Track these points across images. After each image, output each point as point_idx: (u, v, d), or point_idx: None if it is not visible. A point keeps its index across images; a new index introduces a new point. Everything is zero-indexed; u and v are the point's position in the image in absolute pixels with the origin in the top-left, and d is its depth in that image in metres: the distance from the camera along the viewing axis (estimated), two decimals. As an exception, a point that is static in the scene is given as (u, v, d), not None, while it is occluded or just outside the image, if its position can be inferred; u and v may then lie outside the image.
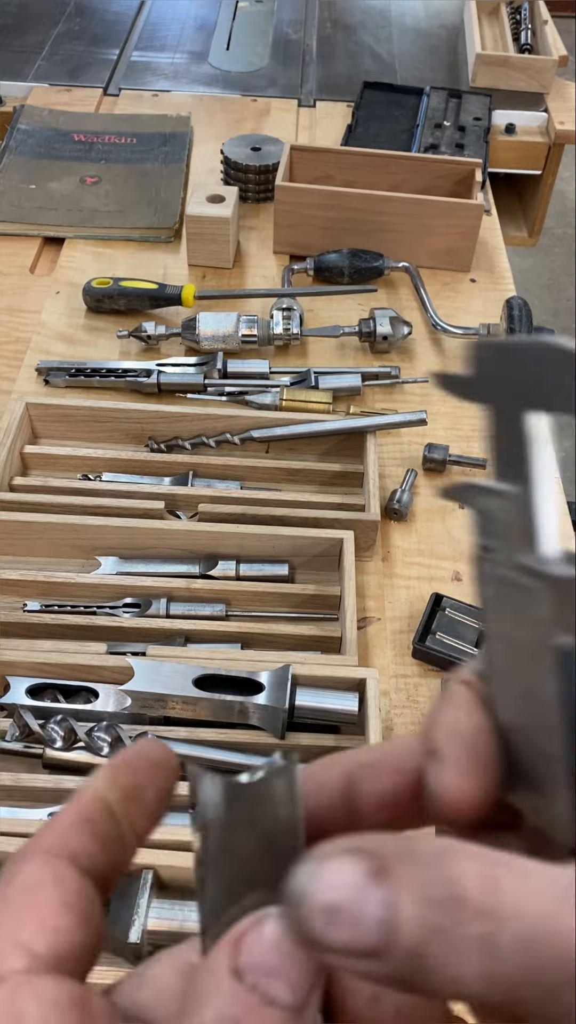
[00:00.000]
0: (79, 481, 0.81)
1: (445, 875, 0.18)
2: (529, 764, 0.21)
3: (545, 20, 1.46)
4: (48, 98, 1.34)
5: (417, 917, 0.18)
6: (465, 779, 0.21)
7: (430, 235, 1.06)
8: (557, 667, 0.19)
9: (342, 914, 0.18)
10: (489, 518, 0.20)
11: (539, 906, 0.18)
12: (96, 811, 0.24)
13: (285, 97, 1.38)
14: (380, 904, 0.18)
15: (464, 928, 0.17)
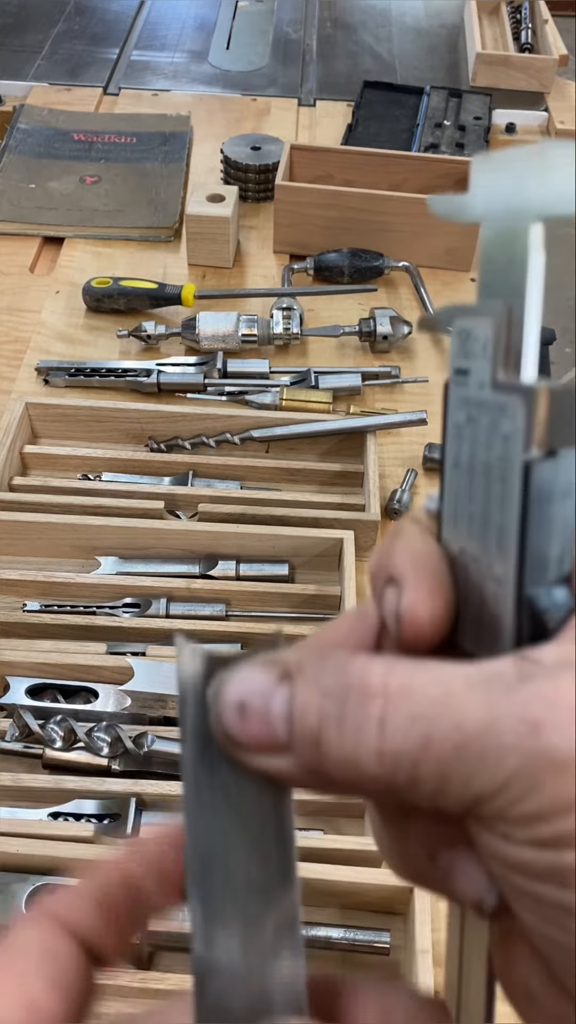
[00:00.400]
0: (79, 481, 0.80)
1: (342, 670, 0.20)
2: (477, 596, 0.21)
3: (545, 19, 1.46)
4: (48, 97, 1.34)
5: (314, 706, 0.20)
6: (426, 597, 0.21)
7: (430, 234, 1.06)
8: (522, 483, 0.20)
9: (250, 709, 0.20)
10: (469, 339, 0.21)
11: (432, 689, 0.19)
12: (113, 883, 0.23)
13: (285, 96, 1.38)
14: (283, 700, 0.20)
15: (356, 710, 0.19)
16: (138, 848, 0.24)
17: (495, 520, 0.20)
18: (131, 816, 0.58)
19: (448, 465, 0.22)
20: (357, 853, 0.55)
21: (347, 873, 0.54)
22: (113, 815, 0.59)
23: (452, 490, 0.22)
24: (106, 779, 0.60)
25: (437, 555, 0.22)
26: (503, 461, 0.20)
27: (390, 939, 0.54)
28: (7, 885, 0.54)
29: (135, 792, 0.59)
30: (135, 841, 0.25)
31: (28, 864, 0.54)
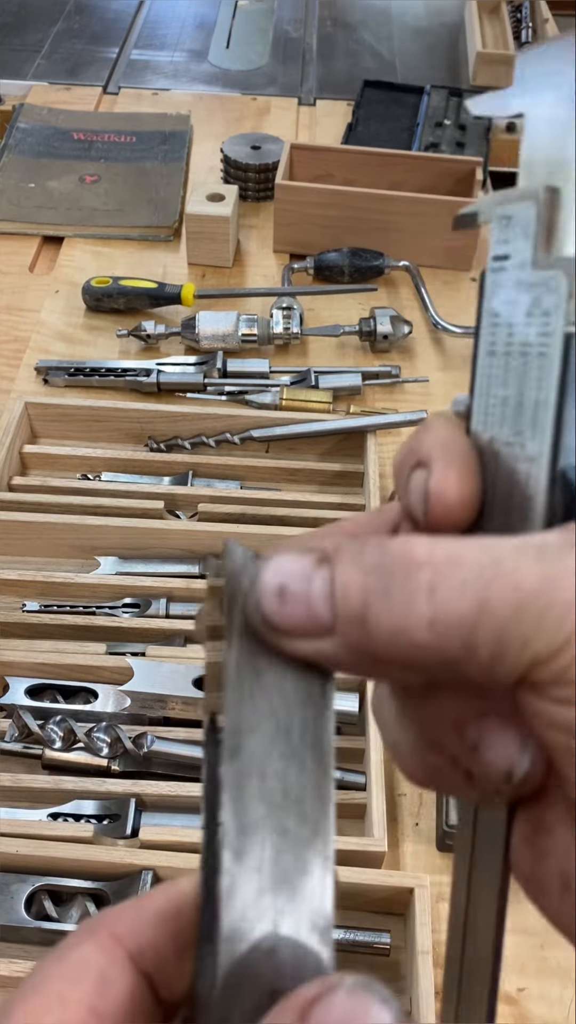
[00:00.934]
0: (78, 481, 0.80)
1: (385, 547, 0.19)
2: (507, 482, 0.21)
3: (546, 18, 1.46)
4: (47, 97, 1.33)
5: (359, 582, 0.19)
6: (456, 476, 0.21)
7: (431, 234, 1.05)
8: (562, 356, 0.20)
9: (290, 593, 0.20)
10: (509, 224, 0.21)
11: (483, 555, 0.19)
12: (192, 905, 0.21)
13: (285, 96, 1.38)
14: (323, 581, 0.19)
15: (403, 581, 0.19)
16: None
17: (531, 398, 0.21)
18: (131, 817, 0.58)
19: (481, 354, 0.22)
20: (357, 853, 0.55)
21: (347, 873, 0.53)
22: (113, 816, 0.58)
23: (484, 380, 0.22)
24: (106, 780, 0.59)
25: (466, 441, 0.22)
26: (543, 336, 0.20)
27: (390, 940, 0.54)
28: (7, 885, 0.54)
29: (135, 792, 0.59)
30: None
31: (28, 864, 0.54)
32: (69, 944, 0.20)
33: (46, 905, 0.54)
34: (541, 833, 0.21)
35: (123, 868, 0.54)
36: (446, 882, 0.59)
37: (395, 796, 0.63)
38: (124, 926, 0.21)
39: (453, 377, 0.96)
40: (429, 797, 0.63)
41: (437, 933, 0.57)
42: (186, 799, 0.59)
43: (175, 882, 0.22)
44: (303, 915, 0.20)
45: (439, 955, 0.56)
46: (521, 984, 0.55)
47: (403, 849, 0.61)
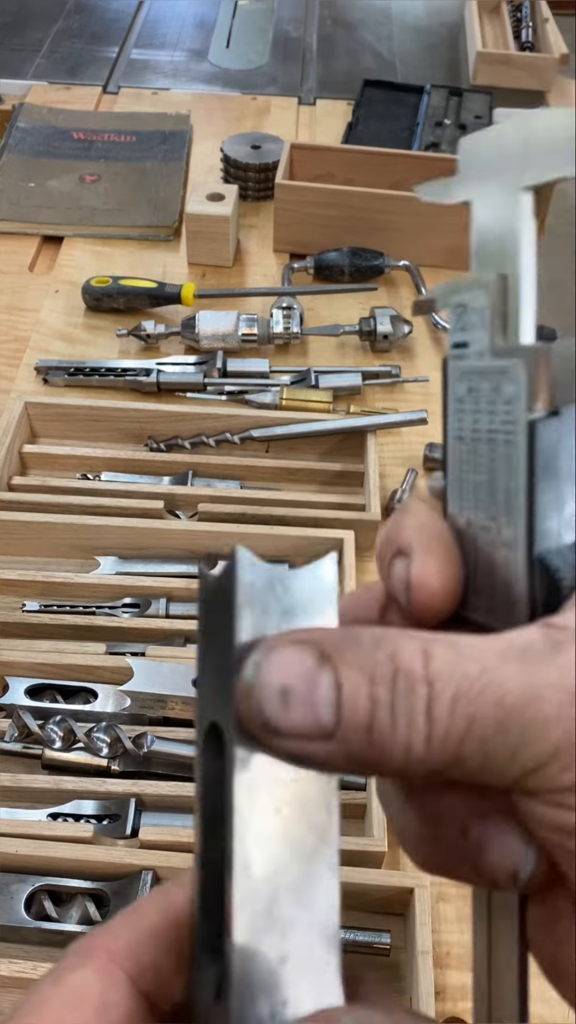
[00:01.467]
0: (78, 481, 0.80)
1: (385, 653, 0.19)
2: (487, 566, 0.21)
3: (546, 18, 1.45)
4: (47, 96, 1.33)
5: (364, 693, 0.19)
6: (436, 566, 0.21)
7: (431, 233, 1.05)
8: (527, 443, 0.20)
9: (294, 695, 0.19)
10: (465, 312, 0.21)
11: (469, 667, 0.19)
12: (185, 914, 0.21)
13: (285, 95, 1.38)
14: (330, 685, 0.19)
15: (407, 697, 0.19)
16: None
17: (502, 484, 0.21)
18: (130, 817, 0.58)
19: (451, 440, 0.22)
20: (357, 853, 0.55)
21: (347, 873, 0.53)
22: (112, 816, 0.58)
23: (456, 463, 0.22)
24: (105, 780, 0.59)
25: (444, 527, 0.22)
26: (508, 424, 0.20)
27: (390, 940, 0.54)
28: (7, 885, 0.54)
29: (134, 792, 0.59)
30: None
31: (27, 865, 0.54)
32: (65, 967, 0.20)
33: (46, 905, 0.54)
34: (556, 920, 0.21)
35: (123, 868, 0.54)
36: (446, 882, 0.59)
37: (395, 796, 0.63)
38: (121, 946, 0.20)
39: (453, 377, 0.96)
40: (429, 797, 0.63)
41: (437, 933, 0.57)
42: (186, 799, 0.59)
43: (166, 893, 0.21)
44: (312, 924, 0.20)
45: (439, 955, 0.56)
46: (521, 984, 0.55)
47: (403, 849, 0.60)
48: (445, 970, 0.56)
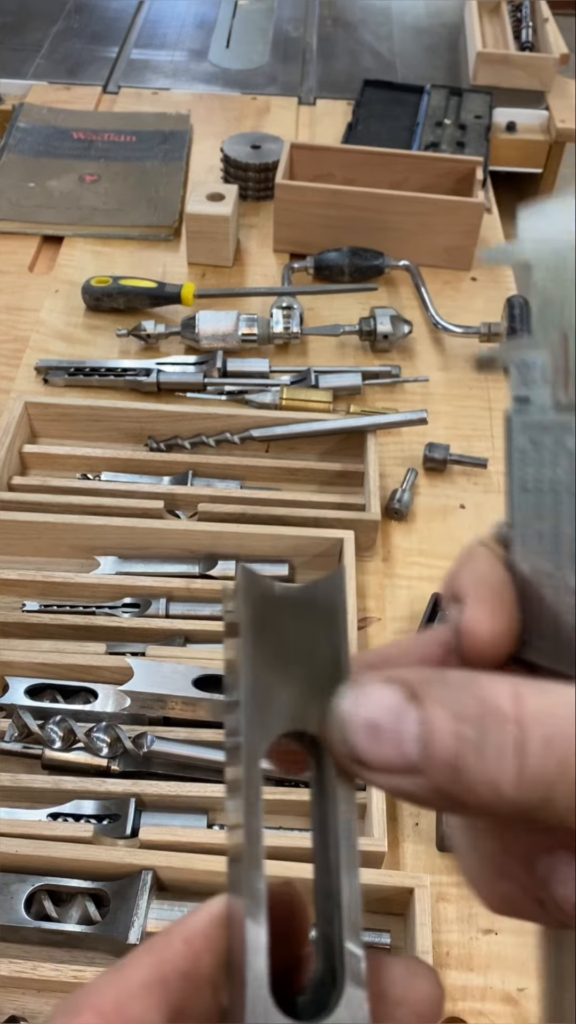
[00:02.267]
0: (78, 480, 0.80)
1: (474, 693, 0.19)
2: (549, 611, 0.22)
3: (546, 18, 1.45)
4: (47, 96, 1.33)
5: (451, 730, 0.19)
6: (486, 614, 0.22)
7: (431, 233, 1.05)
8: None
9: (383, 731, 0.20)
10: (527, 369, 0.22)
11: (560, 710, 0.19)
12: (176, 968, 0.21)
13: (285, 95, 1.38)
14: (417, 722, 0.19)
15: (496, 735, 0.19)
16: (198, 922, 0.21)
17: (566, 533, 0.21)
18: (130, 816, 0.58)
19: (515, 490, 0.23)
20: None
21: (347, 874, 0.53)
22: (112, 816, 0.58)
23: (521, 512, 0.23)
24: (105, 779, 0.59)
25: (500, 574, 0.23)
26: (570, 474, 0.21)
27: (390, 940, 0.54)
28: (7, 885, 0.54)
29: (134, 792, 0.59)
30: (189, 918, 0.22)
31: (27, 864, 0.54)
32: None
33: (46, 905, 0.54)
34: None
35: (123, 868, 0.54)
36: (446, 882, 0.59)
37: (395, 796, 0.63)
38: (108, 1003, 0.20)
39: (453, 377, 0.96)
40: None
41: (437, 933, 0.57)
42: (186, 799, 0.59)
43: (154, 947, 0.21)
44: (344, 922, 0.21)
45: (439, 955, 0.56)
46: (521, 984, 0.55)
47: (403, 849, 0.61)
48: (445, 970, 0.56)
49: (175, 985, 0.20)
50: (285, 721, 0.21)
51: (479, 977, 0.55)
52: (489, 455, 0.87)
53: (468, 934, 0.57)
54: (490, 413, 0.92)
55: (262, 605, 0.22)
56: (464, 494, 0.84)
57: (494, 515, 0.83)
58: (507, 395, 0.23)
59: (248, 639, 0.21)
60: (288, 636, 0.22)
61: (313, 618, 0.22)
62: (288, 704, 0.21)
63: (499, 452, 0.89)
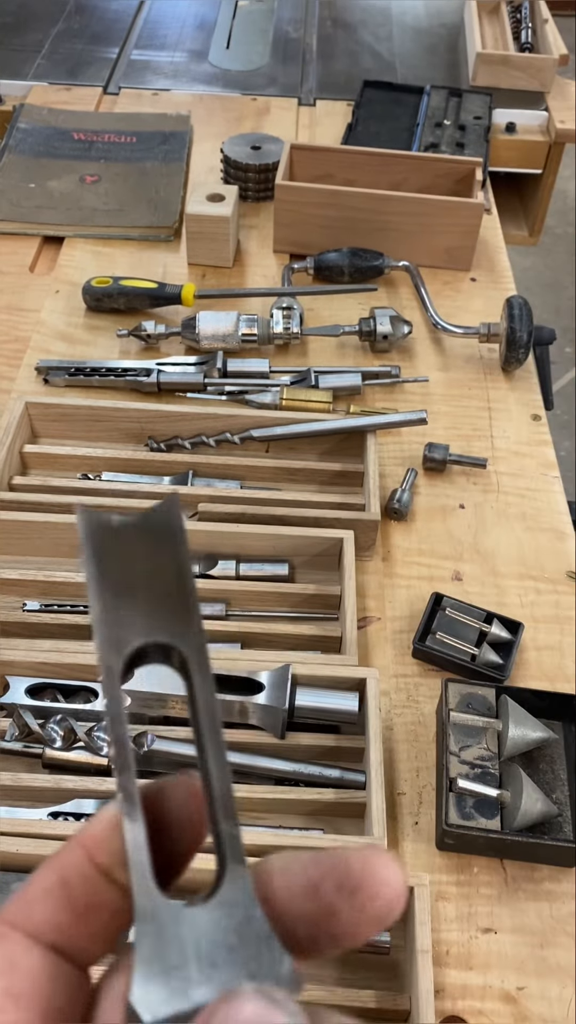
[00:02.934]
0: (79, 480, 0.80)
1: None
2: None
3: (545, 19, 1.46)
4: (48, 97, 1.33)
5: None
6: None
7: (431, 234, 1.06)
8: None
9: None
10: None
11: None
12: (75, 870, 0.22)
13: (285, 96, 1.38)
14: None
15: None
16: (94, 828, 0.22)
17: None
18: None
19: None
20: (357, 853, 0.55)
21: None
22: (113, 815, 0.58)
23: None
24: (106, 779, 0.60)
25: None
26: None
27: (390, 939, 0.54)
28: (7, 885, 0.54)
29: (135, 792, 0.59)
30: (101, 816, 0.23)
31: (28, 864, 0.54)
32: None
33: (46, 904, 0.54)
34: None
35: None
36: (446, 881, 0.59)
37: (395, 795, 0.63)
38: (14, 911, 0.21)
39: (453, 377, 0.96)
40: (428, 796, 0.63)
41: (436, 932, 0.57)
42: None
43: (54, 857, 0.22)
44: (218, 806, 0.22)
45: (439, 954, 0.56)
46: (521, 983, 0.55)
47: (403, 848, 0.61)
48: (445, 969, 0.56)
49: (76, 884, 0.21)
50: (138, 637, 0.23)
51: (479, 976, 0.56)
52: (489, 455, 0.87)
53: (468, 933, 0.57)
54: (490, 413, 0.93)
55: (102, 536, 0.23)
56: (464, 494, 0.85)
57: (493, 515, 0.83)
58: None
59: (92, 567, 0.22)
60: (132, 561, 0.23)
61: (154, 542, 0.23)
62: (140, 621, 0.23)
63: (498, 452, 0.89)
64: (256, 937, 0.21)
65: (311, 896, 0.21)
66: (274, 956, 0.20)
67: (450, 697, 0.65)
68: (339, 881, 0.21)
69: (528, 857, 0.60)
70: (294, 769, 0.62)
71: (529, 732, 0.62)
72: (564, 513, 0.84)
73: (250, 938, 0.20)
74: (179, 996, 0.20)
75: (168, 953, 0.20)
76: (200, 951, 0.20)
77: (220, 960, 0.20)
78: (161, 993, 0.20)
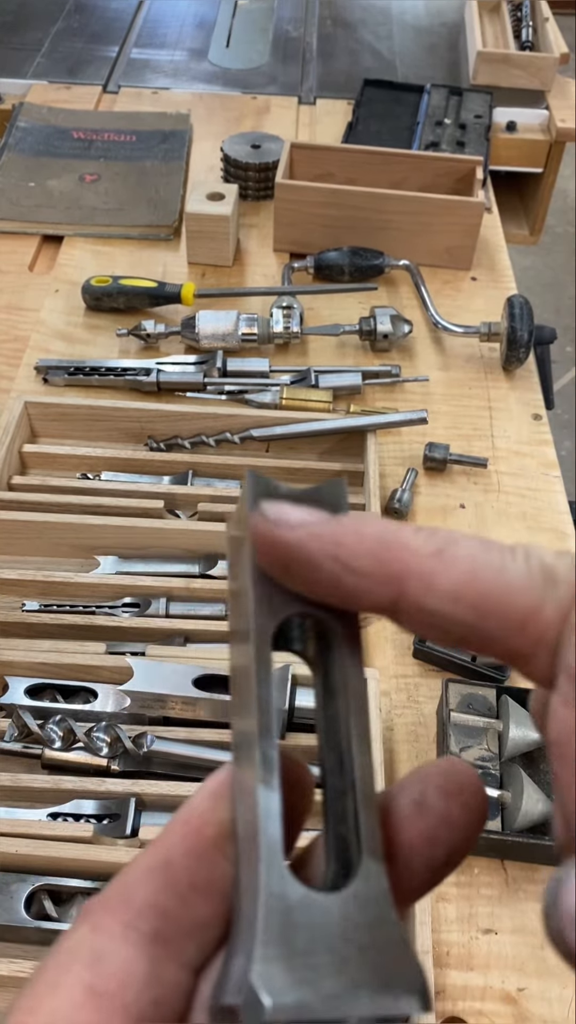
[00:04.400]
0: (78, 480, 0.80)
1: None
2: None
3: (546, 17, 1.45)
4: (47, 96, 1.33)
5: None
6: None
7: (431, 233, 1.05)
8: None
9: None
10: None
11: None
12: (179, 847, 0.20)
13: (285, 95, 1.38)
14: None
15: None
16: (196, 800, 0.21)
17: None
18: (130, 816, 0.58)
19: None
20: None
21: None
22: (112, 815, 0.58)
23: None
24: (105, 779, 0.59)
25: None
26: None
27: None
28: (7, 885, 0.54)
29: (134, 792, 0.59)
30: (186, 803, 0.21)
31: (27, 864, 0.54)
32: (63, 936, 0.20)
33: (46, 905, 0.54)
34: None
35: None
36: (446, 881, 0.59)
37: (395, 796, 0.63)
38: (113, 895, 0.20)
39: (453, 376, 0.96)
40: (429, 797, 0.63)
41: (437, 933, 0.57)
42: (186, 799, 0.59)
43: (155, 840, 0.21)
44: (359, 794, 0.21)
45: (439, 955, 0.56)
46: (521, 984, 0.55)
47: (403, 849, 0.61)
48: (445, 970, 0.56)
49: (179, 863, 0.20)
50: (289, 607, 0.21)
51: (479, 977, 0.55)
52: (489, 455, 0.87)
53: (468, 934, 0.57)
54: (490, 413, 0.92)
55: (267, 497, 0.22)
56: (464, 494, 0.84)
57: (494, 515, 0.83)
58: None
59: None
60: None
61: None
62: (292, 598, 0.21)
63: (499, 452, 0.89)
64: (390, 941, 0.19)
65: (420, 812, 0.21)
66: (409, 966, 0.19)
67: (451, 697, 0.65)
68: (439, 786, 0.21)
69: (529, 858, 0.60)
70: (294, 770, 0.61)
71: (530, 733, 0.62)
72: (565, 513, 0.84)
73: (383, 941, 0.19)
74: (306, 986, 0.18)
75: (295, 937, 0.18)
76: (331, 943, 0.18)
77: (351, 957, 0.18)
78: (286, 978, 0.18)
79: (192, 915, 0.20)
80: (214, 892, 0.20)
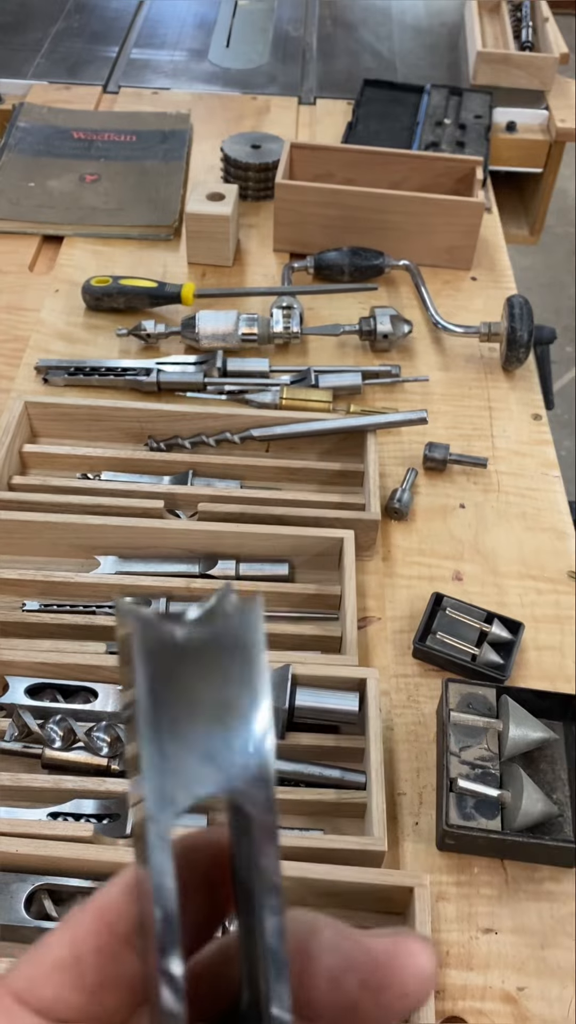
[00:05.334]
0: (78, 480, 0.80)
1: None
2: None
3: (546, 17, 1.45)
4: (47, 96, 1.33)
5: None
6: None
7: (431, 233, 1.05)
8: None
9: None
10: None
11: None
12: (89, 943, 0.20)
13: (285, 95, 1.38)
14: None
15: None
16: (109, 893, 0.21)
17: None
18: (130, 816, 0.58)
19: None
20: (357, 853, 0.55)
21: (347, 873, 0.53)
22: (112, 815, 0.58)
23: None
24: (105, 779, 0.59)
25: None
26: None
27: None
28: (6, 885, 0.54)
29: (134, 792, 0.59)
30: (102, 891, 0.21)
31: (27, 864, 0.54)
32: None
33: (46, 905, 0.54)
34: None
35: (123, 868, 0.54)
36: (446, 881, 0.59)
37: (395, 795, 0.63)
38: (23, 983, 0.20)
39: (453, 376, 0.96)
40: (429, 796, 0.63)
41: (437, 932, 0.57)
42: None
43: (68, 924, 0.20)
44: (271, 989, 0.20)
45: (439, 954, 0.56)
46: (521, 983, 0.55)
47: (403, 848, 0.61)
48: (445, 970, 0.56)
49: (90, 960, 0.20)
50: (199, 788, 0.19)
51: (479, 976, 0.56)
52: (489, 455, 0.87)
53: (468, 933, 0.57)
54: (490, 413, 0.92)
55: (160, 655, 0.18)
56: (464, 494, 0.84)
57: (494, 515, 0.83)
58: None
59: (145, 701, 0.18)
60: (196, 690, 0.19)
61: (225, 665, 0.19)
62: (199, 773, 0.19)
63: (499, 452, 0.89)
64: None
65: (333, 987, 0.19)
66: None
67: (450, 697, 0.65)
68: (363, 977, 0.19)
69: (529, 857, 0.60)
70: (294, 769, 0.61)
71: (530, 732, 0.62)
72: (565, 513, 0.84)
73: None
74: None
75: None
76: None
77: None
78: None
79: (101, 1008, 0.20)
80: (122, 987, 0.20)
